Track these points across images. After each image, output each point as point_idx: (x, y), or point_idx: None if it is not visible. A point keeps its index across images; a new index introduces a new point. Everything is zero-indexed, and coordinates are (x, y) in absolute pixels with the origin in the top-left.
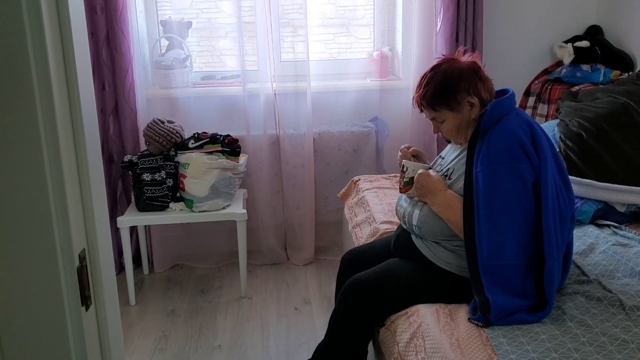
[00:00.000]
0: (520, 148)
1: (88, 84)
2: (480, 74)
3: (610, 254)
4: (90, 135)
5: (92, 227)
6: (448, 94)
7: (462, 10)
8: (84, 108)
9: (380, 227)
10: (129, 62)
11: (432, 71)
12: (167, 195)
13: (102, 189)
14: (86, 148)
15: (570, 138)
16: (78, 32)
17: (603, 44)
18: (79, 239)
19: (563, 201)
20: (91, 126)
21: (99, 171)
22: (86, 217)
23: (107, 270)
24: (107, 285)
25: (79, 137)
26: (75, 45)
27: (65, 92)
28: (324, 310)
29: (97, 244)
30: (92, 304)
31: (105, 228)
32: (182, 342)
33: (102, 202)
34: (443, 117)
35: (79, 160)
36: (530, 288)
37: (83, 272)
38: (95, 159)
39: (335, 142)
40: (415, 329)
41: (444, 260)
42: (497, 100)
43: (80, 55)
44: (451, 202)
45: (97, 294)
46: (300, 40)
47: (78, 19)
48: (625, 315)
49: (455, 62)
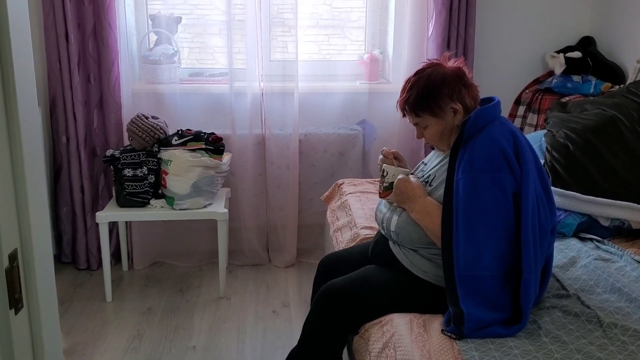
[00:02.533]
0: (503, 157)
1: (28, 73)
2: (465, 80)
3: (591, 269)
4: (28, 126)
5: (27, 225)
6: (431, 99)
7: (454, 16)
8: (20, 97)
9: (360, 232)
10: (115, 55)
11: (415, 76)
12: (148, 192)
13: (41, 185)
14: (22, 141)
15: (556, 149)
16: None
17: (595, 56)
18: (10, 238)
19: (544, 213)
20: (29, 116)
21: (37, 166)
22: (20, 214)
23: (44, 271)
24: (43, 287)
25: (13, 128)
26: (12, 31)
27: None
28: (302, 314)
29: (31, 243)
30: (23, 307)
31: (43, 226)
32: (157, 341)
33: (40, 199)
34: (426, 122)
35: (12, 154)
36: (506, 300)
37: (13, 274)
38: (33, 153)
39: (321, 144)
40: (387, 338)
41: (420, 269)
42: (481, 107)
43: (18, 43)
44: (430, 210)
45: (30, 297)
46: (290, 40)
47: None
48: (602, 332)
49: (439, 67)
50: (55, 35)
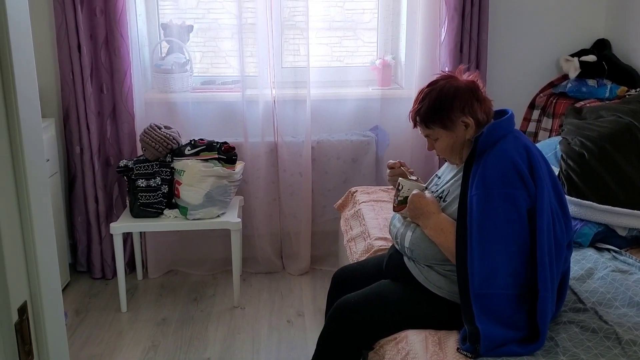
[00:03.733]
0: (516, 173)
1: (33, 107)
2: (478, 94)
3: (609, 281)
4: (36, 170)
5: (36, 276)
6: (442, 112)
7: (466, 21)
8: (26, 137)
9: (374, 243)
10: (127, 65)
11: (428, 87)
12: (162, 202)
13: (49, 233)
14: (28, 186)
15: (571, 157)
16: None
17: (610, 59)
18: (19, 291)
19: (560, 228)
20: (37, 160)
21: (45, 212)
22: (29, 265)
23: (54, 322)
24: (54, 338)
25: (19, 173)
26: (14, 50)
27: (2, 111)
28: (317, 324)
29: (41, 295)
30: (34, 359)
31: (53, 275)
32: (171, 353)
33: (49, 248)
34: (436, 135)
35: (20, 203)
36: (522, 319)
37: (23, 326)
38: (41, 199)
39: (334, 150)
40: (403, 356)
41: (435, 285)
42: (495, 122)
43: (21, 68)
44: (444, 226)
45: (41, 347)
46: (303, 43)
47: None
48: (621, 350)
49: (453, 80)
50: (67, 46)
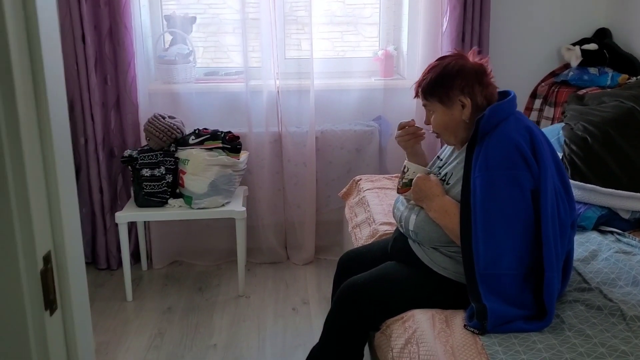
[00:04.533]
0: (519, 155)
1: (56, 71)
2: (482, 78)
3: (612, 262)
4: (59, 125)
5: (59, 227)
6: (442, 87)
7: (468, 11)
8: (51, 96)
9: (379, 228)
10: (131, 56)
11: (436, 61)
12: (166, 192)
13: (71, 187)
14: (53, 141)
15: (575, 142)
16: (46, 21)
17: (611, 47)
18: (43, 240)
19: (563, 208)
20: (59, 116)
21: (68, 167)
22: (53, 216)
23: (77, 272)
24: (76, 288)
25: (44, 129)
26: (43, 35)
27: (29, 78)
28: (322, 312)
29: (64, 245)
30: (57, 308)
31: (75, 227)
32: (178, 340)
33: (71, 200)
34: (433, 108)
35: (44, 155)
36: (528, 298)
37: (48, 275)
38: (64, 153)
39: (337, 140)
40: (410, 334)
41: (441, 266)
42: (496, 104)
43: (47, 42)
44: (448, 208)
45: (64, 298)
46: (305, 38)
47: (48, 18)
48: (625, 326)
49: (461, 59)
50: (72, 37)
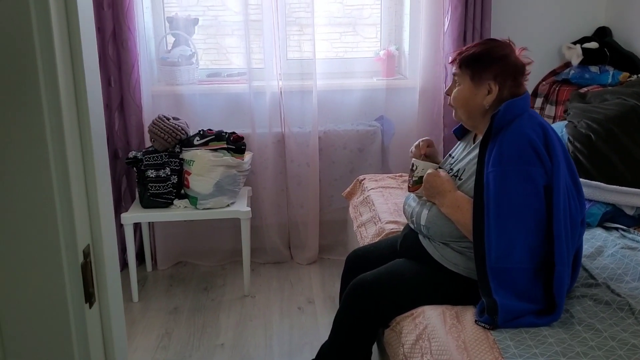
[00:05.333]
0: (533, 151)
1: (95, 80)
2: (518, 76)
3: (618, 257)
4: (97, 130)
5: (97, 222)
6: (480, 63)
7: (470, 10)
8: (91, 104)
9: (385, 227)
10: (135, 58)
11: (487, 40)
12: (172, 192)
13: (107, 185)
14: (92, 143)
15: (578, 140)
16: (86, 29)
17: (612, 46)
18: (83, 234)
19: (574, 205)
20: (98, 122)
21: (104, 167)
22: (91, 212)
23: (112, 267)
24: (112, 282)
25: (85, 132)
26: (83, 40)
27: (71, 87)
28: (328, 310)
29: (101, 240)
30: (95, 301)
31: (110, 224)
32: (185, 340)
33: (107, 198)
34: (461, 80)
35: (84, 156)
36: (539, 292)
37: (87, 269)
38: (101, 155)
39: (340, 140)
40: (421, 330)
41: (451, 262)
42: (511, 100)
43: (87, 51)
44: (460, 204)
45: (101, 291)
46: (306, 39)
47: (86, 15)
48: (634, 320)
49: (508, 48)
50: None
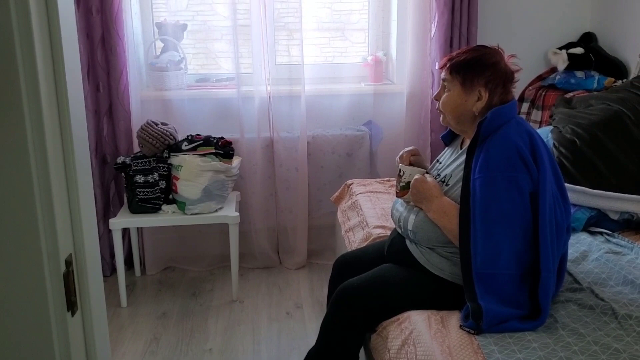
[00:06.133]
0: (519, 157)
1: (77, 85)
2: (507, 83)
3: (602, 262)
4: (79, 138)
5: (80, 231)
6: (471, 70)
7: (456, 16)
8: (73, 110)
9: (373, 231)
10: (123, 63)
11: (477, 46)
12: (160, 198)
13: (89, 193)
14: (74, 151)
15: (563, 145)
16: (67, 33)
17: (597, 51)
18: (65, 243)
19: (560, 212)
20: (80, 129)
21: (87, 175)
22: (73, 221)
23: (95, 275)
24: (94, 291)
25: (67, 140)
26: (64, 45)
27: (53, 94)
28: (316, 315)
29: (84, 249)
30: (78, 310)
31: (92, 233)
32: (173, 345)
33: (89, 206)
34: (451, 86)
35: (66, 164)
36: (524, 298)
37: (69, 278)
38: (83, 163)
39: (329, 145)
40: (406, 335)
41: (437, 267)
42: (498, 107)
43: (69, 57)
44: (447, 210)
45: (84, 300)
46: (295, 44)
47: (67, 20)
48: (617, 324)
49: (498, 55)
50: None
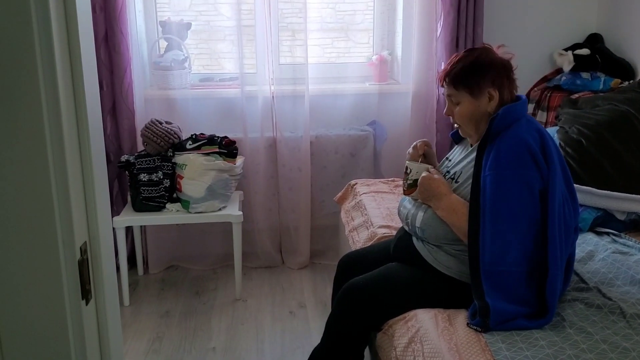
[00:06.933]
0: (530, 155)
1: (93, 81)
2: (510, 73)
3: (609, 262)
4: (94, 130)
5: (95, 221)
6: (473, 76)
7: (462, 16)
8: (89, 103)
9: (378, 231)
10: (127, 62)
11: (465, 52)
12: (164, 196)
13: (104, 184)
14: (90, 143)
15: (570, 145)
16: (85, 32)
17: (603, 52)
18: (81, 232)
19: (568, 212)
20: (95, 122)
21: (102, 166)
22: (88, 210)
23: (108, 265)
24: (108, 280)
25: (83, 132)
26: (82, 41)
27: (70, 87)
28: (319, 315)
29: (98, 238)
30: (92, 298)
31: (107, 223)
32: (176, 343)
33: (104, 197)
34: (460, 98)
35: (82, 155)
36: (531, 296)
37: (84, 266)
38: (98, 154)
39: (332, 145)
40: (413, 333)
41: (444, 265)
42: (509, 105)
43: (86, 52)
44: (455, 207)
45: (98, 289)
46: (299, 44)
47: (85, 19)
48: (625, 323)
49: (490, 52)
50: None
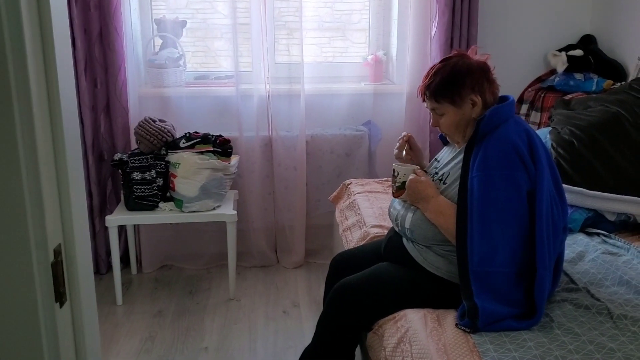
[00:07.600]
0: (517, 156)
1: (68, 76)
2: (488, 75)
3: (599, 263)
4: (69, 128)
5: (69, 221)
6: (453, 87)
7: (457, 16)
8: (63, 100)
9: (370, 230)
10: (121, 59)
11: (441, 63)
12: (157, 195)
13: (80, 184)
14: (64, 141)
15: (561, 146)
16: (59, 24)
17: (596, 53)
18: (54, 233)
19: (557, 212)
20: (70, 119)
21: (77, 165)
22: (63, 211)
23: (84, 266)
24: (84, 282)
25: (57, 130)
26: (56, 37)
27: (43, 83)
28: (313, 314)
29: (74, 240)
30: (67, 301)
31: (83, 224)
32: (169, 343)
33: (80, 197)
34: (443, 110)
35: (56, 155)
36: (519, 296)
37: (58, 268)
38: (74, 153)
39: (327, 145)
40: (402, 333)
41: (433, 265)
42: (496, 106)
43: (60, 48)
44: (443, 209)
45: (73, 291)
46: (295, 43)
47: (59, 13)
48: (612, 324)
49: (465, 58)
50: None
